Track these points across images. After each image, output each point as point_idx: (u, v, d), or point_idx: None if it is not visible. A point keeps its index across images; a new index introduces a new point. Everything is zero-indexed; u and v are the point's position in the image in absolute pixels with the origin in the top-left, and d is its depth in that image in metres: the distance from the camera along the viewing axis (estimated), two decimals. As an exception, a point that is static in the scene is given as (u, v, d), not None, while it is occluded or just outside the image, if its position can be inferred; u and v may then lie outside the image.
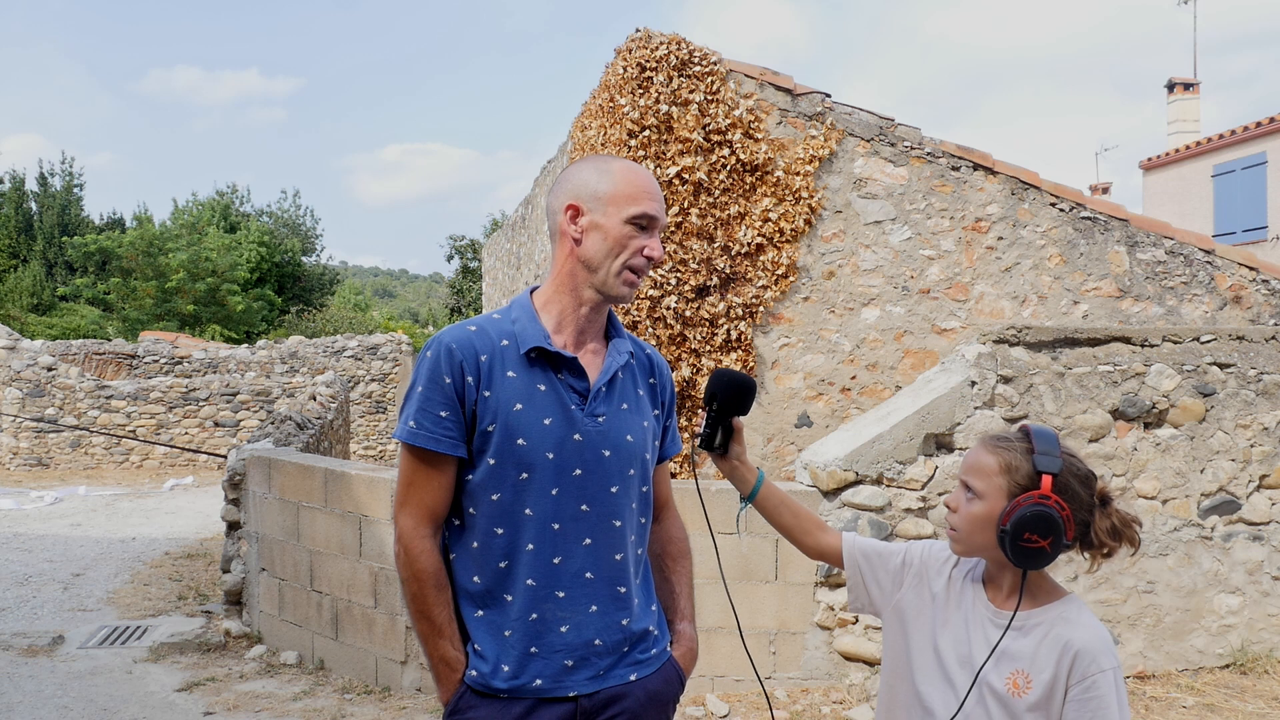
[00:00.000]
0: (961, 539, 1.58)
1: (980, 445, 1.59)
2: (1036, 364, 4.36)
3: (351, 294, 37.46)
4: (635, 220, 1.68)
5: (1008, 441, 1.56)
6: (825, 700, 4.10)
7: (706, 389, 1.77)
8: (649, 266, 1.71)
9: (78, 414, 14.05)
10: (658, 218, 1.70)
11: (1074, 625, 1.51)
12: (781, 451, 6.05)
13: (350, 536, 4.58)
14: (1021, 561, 1.49)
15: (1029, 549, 1.47)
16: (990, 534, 1.53)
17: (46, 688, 4.58)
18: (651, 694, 1.72)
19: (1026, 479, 1.51)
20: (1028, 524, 1.47)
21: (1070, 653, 1.48)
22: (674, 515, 1.95)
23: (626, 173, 1.70)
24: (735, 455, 1.80)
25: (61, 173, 31.73)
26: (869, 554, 1.75)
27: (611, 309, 1.80)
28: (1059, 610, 1.53)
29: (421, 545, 1.65)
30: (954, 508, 1.59)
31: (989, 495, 1.53)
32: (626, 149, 5.80)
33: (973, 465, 1.57)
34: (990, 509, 1.52)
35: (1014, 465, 1.52)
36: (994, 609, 1.58)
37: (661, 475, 1.90)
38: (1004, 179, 6.26)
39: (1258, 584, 4.49)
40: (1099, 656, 1.47)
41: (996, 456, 1.54)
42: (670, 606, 1.88)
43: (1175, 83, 22.49)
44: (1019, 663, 1.51)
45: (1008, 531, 1.48)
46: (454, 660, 1.66)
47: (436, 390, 1.64)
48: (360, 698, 4.37)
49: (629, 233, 1.68)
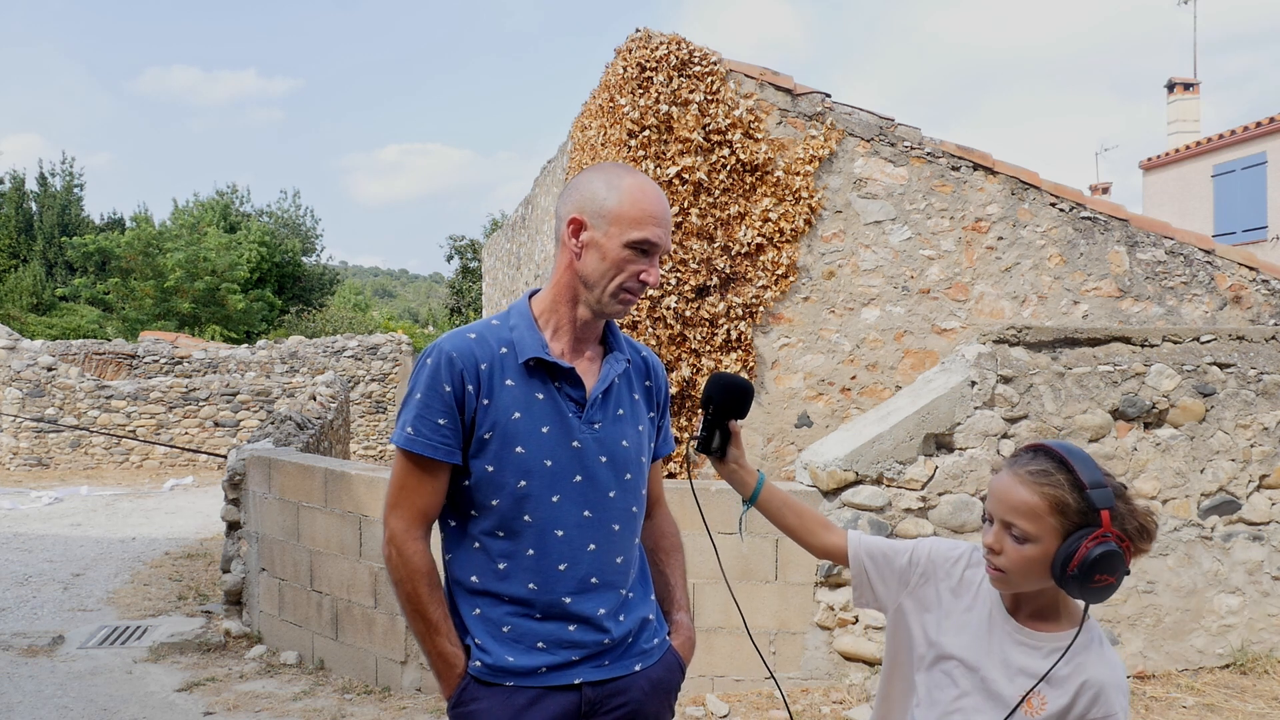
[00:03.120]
0: (1011, 581, 1.50)
1: (1015, 479, 1.49)
2: (1036, 364, 4.36)
3: (351, 294, 37.46)
4: (635, 245, 1.66)
5: (1046, 475, 1.46)
6: (825, 700, 4.10)
7: (703, 392, 1.77)
8: (644, 290, 1.71)
9: (78, 414, 14.05)
10: (659, 244, 1.69)
11: (1099, 661, 1.48)
12: (781, 451, 6.05)
13: (350, 536, 4.58)
14: (1091, 599, 1.45)
15: (1099, 588, 1.43)
16: (1044, 574, 1.46)
17: (46, 688, 4.58)
18: (654, 682, 1.75)
19: (1081, 516, 1.43)
20: (1098, 566, 1.41)
21: (1093, 690, 1.46)
22: (665, 511, 1.98)
23: (635, 192, 1.68)
24: (733, 459, 1.80)
25: (61, 173, 31.75)
26: (874, 553, 1.73)
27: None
28: (1084, 638, 1.50)
29: (414, 545, 1.67)
30: (997, 550, 1.50)
31: (1043, 538, 1.45)
32: (626, 149, 5.80)
33: (1015, 506, 1.47)
34: (1045, 551, 1.45)
35: (1064, 503, 1.44)
36: (1017, 625, 1.54)
37: (654, 473, 1.93)
38: (1004, 179, 6.26)
39: (1258, 584, 4.49)
40: (1119, 697, 1.46)
41: (1040, 495, 1.45)
42: (666, 598, 1.91)
43: (1175, 83, 22.49)
44: (1040, 684, 1.49)
45: (1077, 575, 1.42)
46: (452, 656, 1.68)
47: (436, 398, 1.65)
48: (360, 698, 4.37)
49: (627, 256, 1.66)
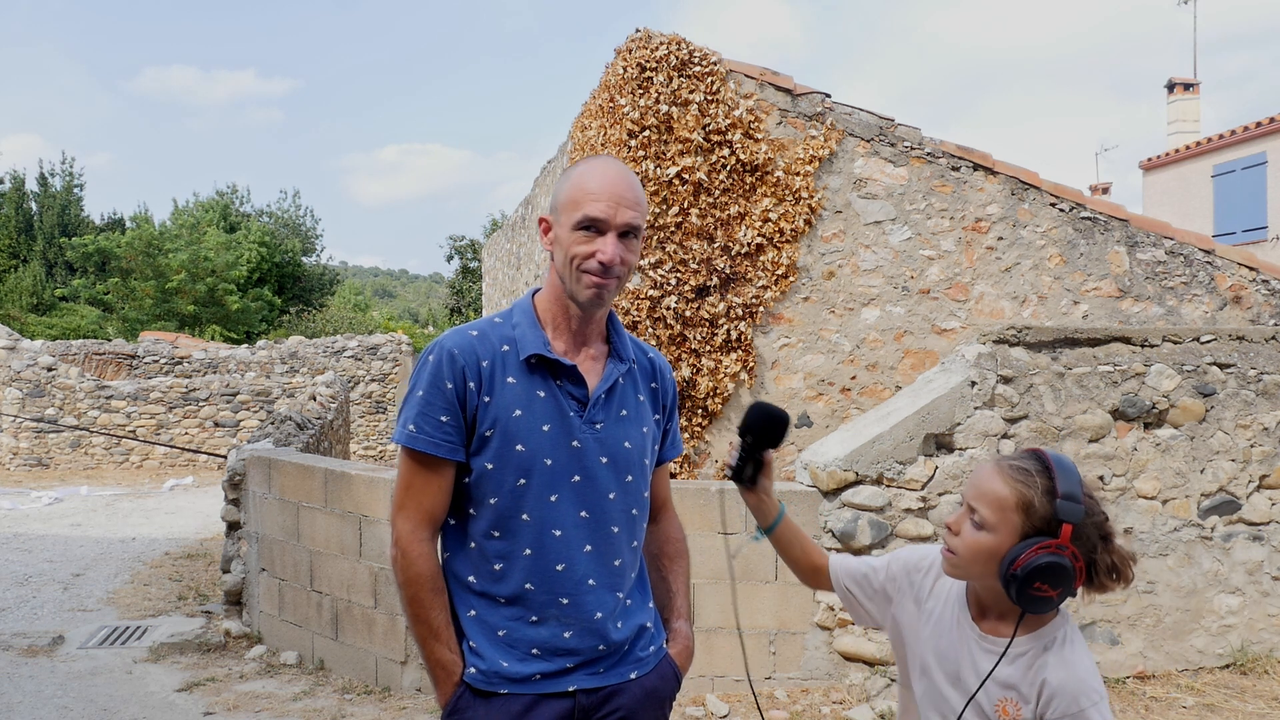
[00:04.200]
0: (959, 565, 1.50)
1: (995, 469, 1.48)
2: (1036, 364, 4.36)
3: (351, 294, 37.44)
4: (581, 225, 1.63)
5: (1027, 474, 1.45)
6: (825, 700, 4.10)
7: (743, 422, 1.72)
8: (605, 271, 1.63)
9: (78, 414, 14.04)
10: (606, 219, 1.62)
11: (1055, 662, 1.44)
12: (781, 451, 6.05)
13: (350, 536, 4.58)
14: (1025, 605, 1.42)
15: (1036, 596, 1.40)
16: (992, 566, 1.45)
17: (46, 688, 4.58)
18: (649, 691, 1.73)
19: (1043, 523, 1.41)
20: (1040, 574, 1.38)
21: (1049, 690, 1.43)
22: (672, 515, 1.95)
23: (580, 176, 1.66)
24: (762, 489, 1.76)
25: (61, 173, 31.74)
26: (855, 577, 1.74)
27: (612, 310, 1.80)
28: (1045, 640, 1.47)
29: (419, 549, 1.65)
30: (955, 530, 1.49)
31: (1000, 530, 1.43)
32: (626, 149, 5.80)
33: (984, 492, 1.46)
34: (998, 544, 1.44)
35: (1032, 505, 1.42)
36: (979, 632, 1.52)
37: (660, 477, 1.90)
38: (1004, 179, 6.26)
39: (1258, 584, 4.49)
40: (1077, 697, 1.42)
41: (1013, 490, 1.44)
42: (666, 605, 1.89)
43: (1175, 83, 22.49)
44: (1009, 691, 1.47)
45: (1017, 576, 1.39)
46: (450, 663, 1.67)
47: (438, 395, 1.64)
48: (360, 698, 4.37)
49: (578, 239, 1.63)
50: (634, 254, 1.68)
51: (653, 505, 1.90)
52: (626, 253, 1.65)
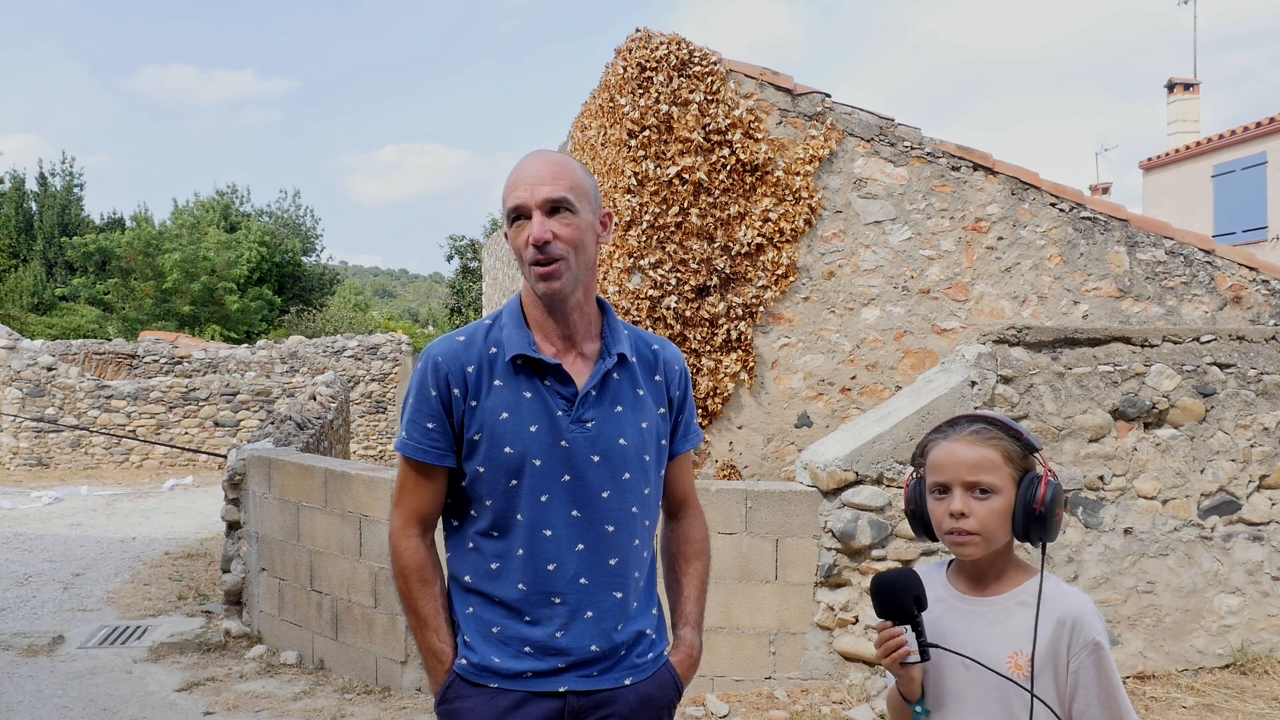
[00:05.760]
0: (986, 538, 1.53)
1: (962, 443, 1.56)
2: (1036, 364, 4.36)
3: (351, 294, 37.47)
4: (510, 220, 1.66)
5: (987, 430, 1.57)
6: (825, 700, 4.10)
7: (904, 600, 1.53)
8: (542, 250, 1.60)
9: (78, 414, 14.05)
10: (522, 203, 1.61)
11: (1063, 596, 1.54)
12: (781, 452, 6.05)
13: (350, 536, 4.58)
14: (1052, 535, 1.53)
15: (1058, 523, 1.54)
16: (1007, 525, 1.54)
17: (46, 688, 4.58)
18: (644, 698, 1.71)
19: (1024, 461, 1.56)
20: (1057, 500, 1.52)
21: (1068, 623, 1.51)
22: (694, 513, 1.92)
23: (512, 171, 1.68)
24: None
25: (61, 173, 31.72)
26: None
27: (608, 305, 1.79)
28: (1043, 585, 1.54)
29: (406, 543, 1.71)
30: (966, 512, 1.53)
31: (1004, 488, 1.54)
32: (626, 149, 5.80)
33: (976, 463, 1.54)
34: (1008, 501, 1.54)
35: (1011, 451, 1.55)
36: (968, 599, 1.59)
37: (679, 470, 1.88)
38: (1004, 179, 6.26)
39: (1258, 584, 4.49)
40: (1095, 620, 1.52)
41: (994, 447, 1.55)
42: (676, 609, 1.87)
43: (1175, 83, 22.49)
44: (1014, 645, 1.53)
45: (1043, 514, 1.51)
46: (440, 652, 1.69)
47: (424, 403, 1.69)
48: (360, 698, 4.37)
49: (514, 233, 1.66)
50: (574, 228, 1.63)
51: (672, 501, 1.89)
52: (561, 227, 1.62)
